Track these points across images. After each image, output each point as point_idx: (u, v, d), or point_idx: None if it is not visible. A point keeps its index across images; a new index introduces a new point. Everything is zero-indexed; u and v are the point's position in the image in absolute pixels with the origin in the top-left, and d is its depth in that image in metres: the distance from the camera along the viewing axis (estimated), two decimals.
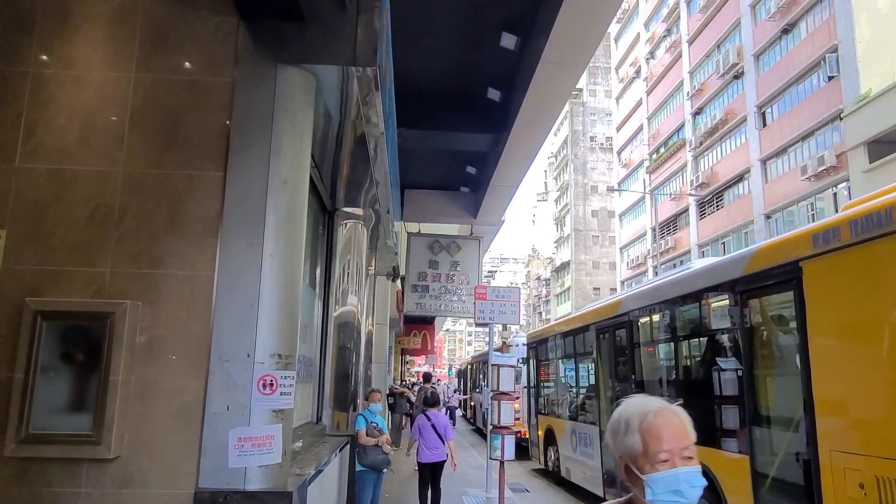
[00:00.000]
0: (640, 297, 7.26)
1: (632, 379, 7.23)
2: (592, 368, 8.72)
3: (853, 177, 24.86)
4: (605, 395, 8.16)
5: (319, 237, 6.49)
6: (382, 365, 13.49)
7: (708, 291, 5.74)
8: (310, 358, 6.07)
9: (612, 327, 7.91)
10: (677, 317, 6.38)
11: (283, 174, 3.45)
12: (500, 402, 7.48)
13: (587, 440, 8.55)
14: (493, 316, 7.81)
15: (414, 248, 10.33)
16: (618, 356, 7.87)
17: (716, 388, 5.49)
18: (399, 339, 24.15)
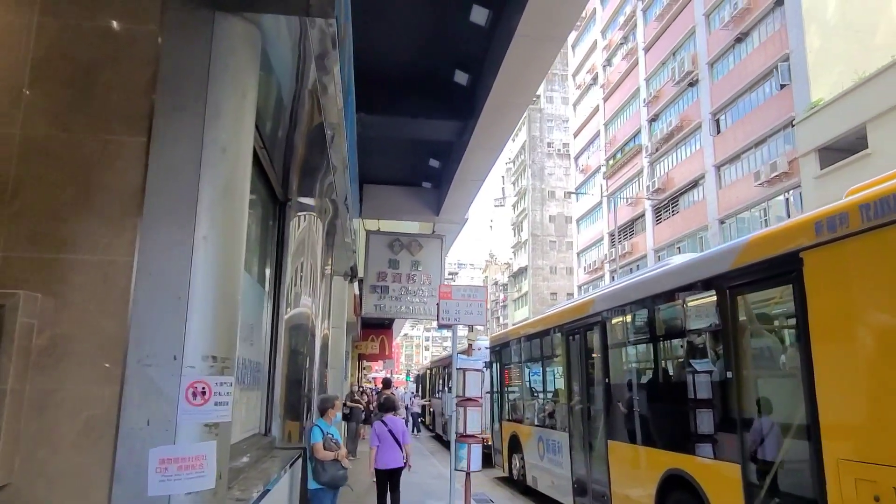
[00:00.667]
0: (614, 297, 6.91)
1: (605, 383, 6.87)
2: (561, 372, 8.34)
3: (805, 183, 25.41)
4: (575, 400, 7.78)
5: (269, 229, 5.90)
6: (339, 370, 12.86)
7: (692, 288, 5.40)
8: (257, 363, 5.48)
9: (583, 328, 7.54)
10: (656, 316, 6.05)
11: (221, 141, 2.90)
12: (465, 409, 7.00)
13: (556, 447, 8.16)
14: (459, 317, 7.34)
15: (373, 246, 9.79)
16: (589, 359, 7.51)
17: (700, 391, 5.15)
18: (356, 344, 23.46)
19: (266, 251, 5.84)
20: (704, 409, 5.06)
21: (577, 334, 7.71)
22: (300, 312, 6.21)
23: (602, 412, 6.87)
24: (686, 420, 5.23)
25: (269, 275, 5.92)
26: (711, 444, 4.88)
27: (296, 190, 5.90)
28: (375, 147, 8.32)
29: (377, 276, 9.69)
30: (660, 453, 5.59)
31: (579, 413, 7.59)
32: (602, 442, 6.76)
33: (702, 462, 4.96)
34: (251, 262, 5.37)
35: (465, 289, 7.45)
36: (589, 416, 7.28)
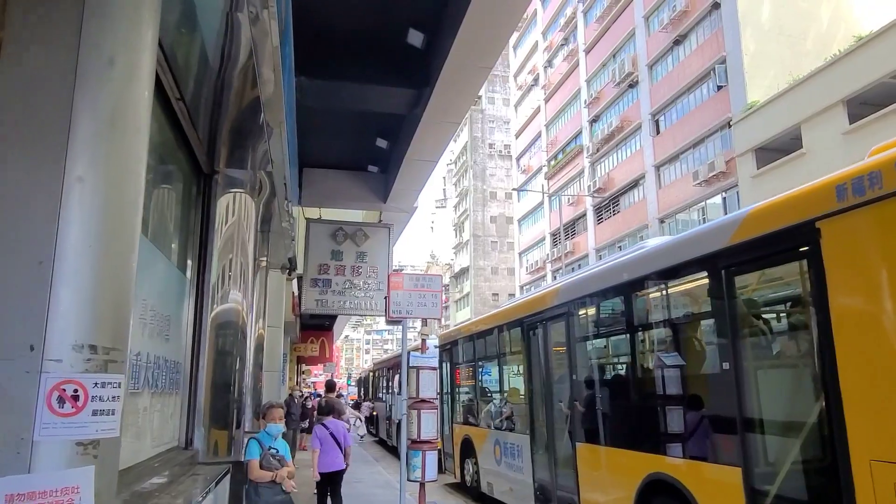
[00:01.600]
0: (583, 285, 6.34)
1: (572, 380, 6.29)
2: (520, 371, 7.75)
3: (742, 182, 25.97)
4: (537, 401, 7.19)
5: (192, 206, 5.02)
6: (276, 374, 11.87)
7: (677, 270, 4.87)
8: (176, 362, 4.59)
9: (546, 322, 6.96)
10: (633, 304, 5.49)
11: (107, 49, 2.09)
12: (419, 412, 6.28)
13: (514, 451, 7.54)
14: (412, 309, 6.60)
15: (314, 236, 8.92)
16: (553, 355, 6.93)
17: (692, 386, 4.63)
18: (295, 346, 22.30)
19: (188, 232, 4.96)
20: (694, 406, 4.54)
21: (539, 328, 7.13)
22: (230, 307, 5.32)
23: (569, 413, 6.30)
24: (672, 419, 4.70)
25: (193, 261, 5.03)
26: (704, 446, 4.36)
27: (224, 159, 5.04)
28: (317, 124, 7.47)
29: (319, 268, 8.84)
30: (639, 456, 5.04)
31: (542, 414, 7.00)
32: (569, 445, 6.18)
33: (691, 465, 4.43)
34: (169, 243, 4.50)
35: (418, 278, 6.74)
36: (553, 418, 6.70)
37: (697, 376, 4.62)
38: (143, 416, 3.83)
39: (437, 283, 6.92)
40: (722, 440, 4.22)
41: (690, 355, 4.77)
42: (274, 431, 5.43)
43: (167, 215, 4.57)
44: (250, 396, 8.41)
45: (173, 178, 4.63)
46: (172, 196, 4.65)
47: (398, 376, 16.25)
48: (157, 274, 4.13)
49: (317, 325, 25.41)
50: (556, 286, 6.98)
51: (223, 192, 5.22)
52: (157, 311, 4.04)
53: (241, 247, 5.50)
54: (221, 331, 5.16)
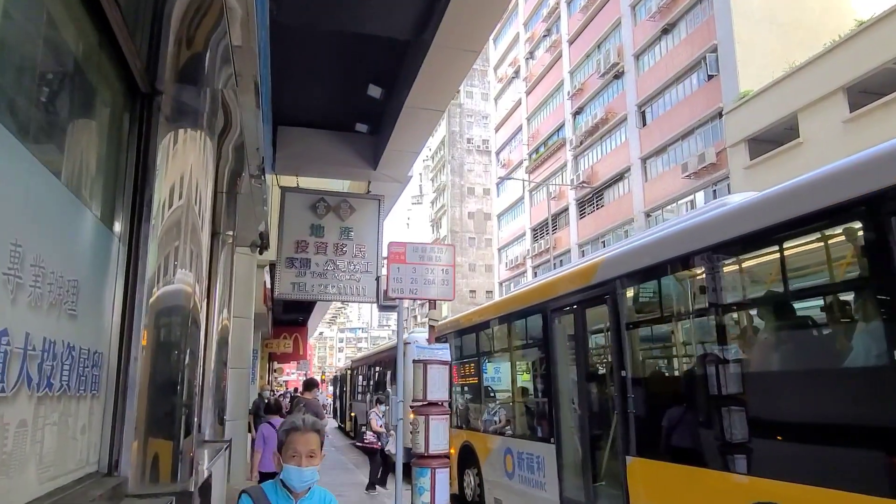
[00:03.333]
0: (640, 255, 4.96)
1: (620, 378, 5.01)
2: (540, 367, 6.50)
3: (734, 173, 25.18)
4: (564, 402, 5.93)
5: (123, 136, 3.63)
6: (245, 371, 10.42)
7: (802, 225, 3.56)
8: (95, 352, 3.21)
9: (582, 305, 5.71)
10: (722, 276, 4.14)
11: None
12: (427, 419, 4.98)
13: (534, 463, 6.28)
14: (416, 288, 5.28)
15: (290, 207, 7.52)
16: (590, 346, 5.68)
17: (824, 386, 3.39)
18: (266, 342, 20.76)
19: (116, 172, 3.55)
20: (832, 412, 3.30)
21: (570, 314, 5.85)
22: (178, 288, 3.86)
23: (616, 418, 5.05)
24: (798, 430, 3.43)
25: (123, 213, 3.62)
26: (846, 469, 3.13)
27: (170, 75, 3.66)
28: (296, 68, 6.07)
29: (296, 245, 7.46)
30: (734, 479, 3.78)
31: (575, 419, 5.73)
32: (615, 458, 4.91)
33: (821, 496, 3.19)
34: (86, 182, 3.15)
35: (424, 249, 5.44)
36: (590, 424, 5.44)
37: (841, 373, 3.36)
38: (22, 433, 2.45)
39: (449, 255, 5.63)
40: (875, 461, 3.02)
41: (826, 344, 3.54)
42: (301, 480, 2.63)
43: (85, 145, 3.20)
44: (212, 398, 6.96)
45: (94, 95, 3.26)
46: (93, 120, 3.27)
47: (388, 373, 14.85)
48: (64, 220, 2.78)
49: (290, 320, 23.89)
50: (595, 260, 5.68)
51: (169, 124, 3.80)
52: (54, 273, 2.66)
53: (193, 202, 4.07)
54: (165, 314, 3.71)
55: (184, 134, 3.93)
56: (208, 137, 4.21)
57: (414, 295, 5.43)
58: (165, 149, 3.78)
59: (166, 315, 3.75)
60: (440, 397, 5.12)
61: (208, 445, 6.55)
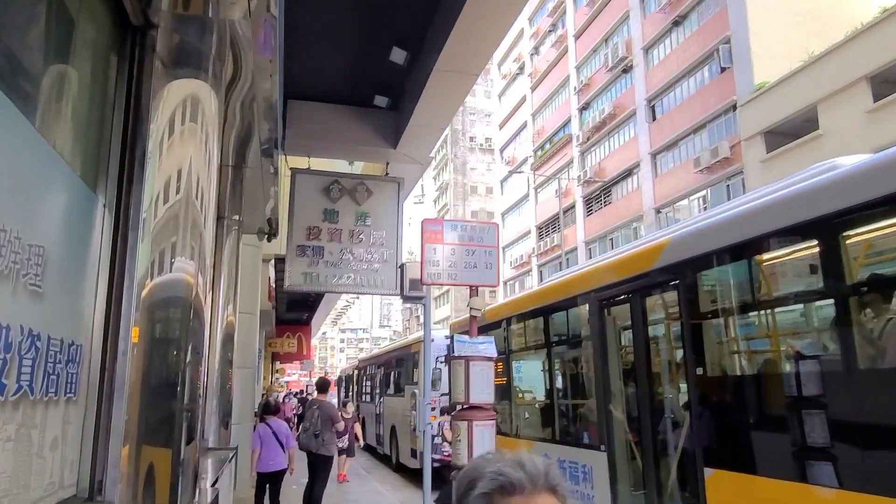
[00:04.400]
0: (720, 233, 4.15)
1: (696, 375, 4.26)
2: (586, 364, 5.83)
3: (749, 167, 24.53)
4: (617, 404, 5.23)
5: (110, 79, 2.92)
6: (250, 371, 9.73)
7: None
8: (71, 344, 2.50)
9: (638, 294, 5.02)
10: (839, 253, 3.36)
11: None
12: (471, 425, 4.30)
13: (579, 473, 5.59)
14: (456, 273, 4.61)
15: (301, 190, 6.83)
16: (649, 341, 4.96)
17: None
18: (270, 342, 20.06)
19: (101, 121, 2.85)
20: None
21: (623, 304, 5.15)
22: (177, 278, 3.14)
23: (689, 423, 4.33)
24: None
25: (111, 173, 2.91)
26: None
27: (168, 4, 2.96)
28: (307, 26, 5.38)
29: (308, 232, 6.78)
30: (854, 499, 3.10)
31: (630, 423, 5.03)
32: (689, 470, 4.20)
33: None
34: (57, 125, 2.48)
35: (464, 227, 4.75)
36: (651, 428, 4.74)
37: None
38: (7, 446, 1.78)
39: (492, 234, 4.94)
40: None
41: None
42: None
43: (64, 86, 2.55)
44: (216, 400, 6.27)
45: (74, 27, 2.60)
46: (73, 57, 2.63)
47: (402, 372, 14.10)
48: (33, 170, 2.11)
49: (294, 318, 23.21)
50: (657, 242, 4.98)
51: (165, 65, 3.08)
52: (8, 233, 1.95)
53: (197, 164, 3.36)
54: (162, 300, 2.98)
55: (184, 78, 3.22)
56: (213, 85, 3.48)
57: (453, 280, 4.74)
58: (160, 95, 3.07)
59: (163, 301, 3.02)
60: (485, 399, 4.44)
61: (213, 454, 5.83)
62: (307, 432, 7.99)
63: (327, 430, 7.93)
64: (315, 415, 7.99)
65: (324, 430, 7.89)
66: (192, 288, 3.19)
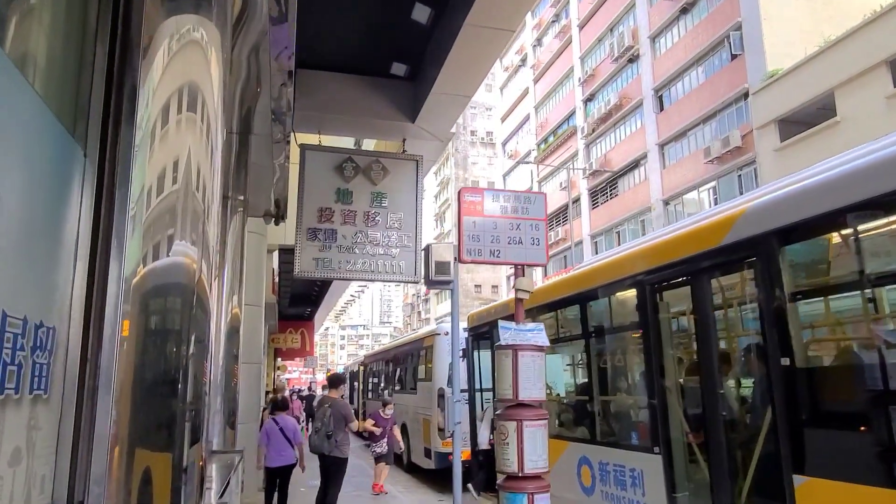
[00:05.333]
0: (817, 197, 3.50)
1: (783, 369, 3.62)
2: (636, 354, 5.25)
3: (762, 156, 23.95)
4: (674, 399, 4.64)
5: (90, 12, 2.29)
6: (256, 367, 9.18)
7: None
8: (41, 326, 1.88)
9: (702, 275, 4.38)
10: None
11: None
12: (521, 425, 3.74)
13: (628, 478, 5.01)
14: (499, 248, 4.02)
15: (313, 169, 6.23)
16: (715, 327, 4.36)
17: None
18: (273, 337, 19.49)
19: (82, 51, 2.24)
20: None
21: (682, 286, 4.53)
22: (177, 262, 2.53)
23: (772, 422, 3.71)
24: None
25: (93, 116, 2.28)
26: None
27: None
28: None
29: (319, 214, 6.20)
30: None
31: (691, 422, 4.45)
32: (773, 477, 3.60)
33: None
34: (26, 48, 1.87)
35: (507, 198, 4.17)
36: (723, 429, 4.15)
37: None
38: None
39: (540, 205, 4.35)
40: None
41: None
42: None
43: (36, 8, 1.98)
44: (221, 398, 5.70)
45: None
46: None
47: (413, 367, 13.50)
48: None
49: (297, 314, 22.66)
50: (726, 214, 4.35)
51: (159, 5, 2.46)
52: None
53: (199, 111, 2.74)
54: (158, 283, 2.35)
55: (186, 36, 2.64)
56: (217, 15, 2.88)
57: (495, 258, 4.17)
58: (153, 21, 2.48)
59: (160, 286, 2.42)
60: (536, 395, 3.87)
61: (217, 458, 5.25)
62: (319, 433, 7.42)
63: (340, 431, 7.37)
64: (327, 414, 7.43)
65: (337, 431, 7.32)
66: (195, 272, 2.58)
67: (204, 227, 2.55)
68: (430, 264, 4.86)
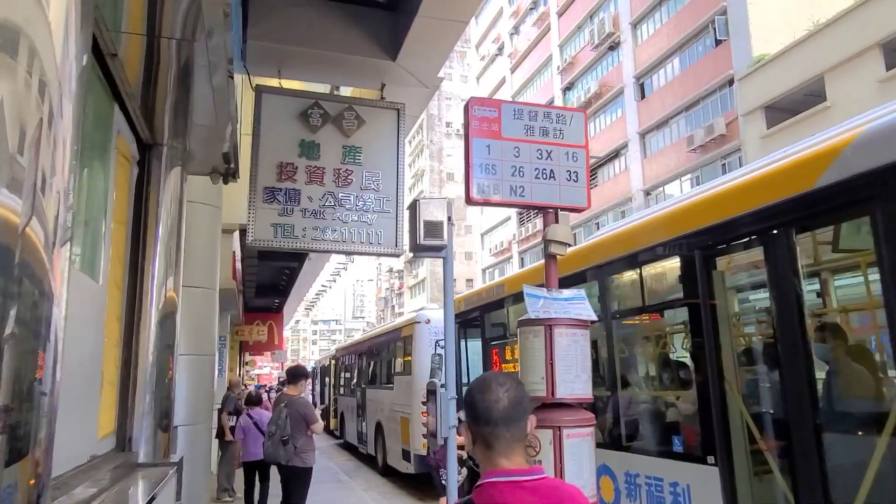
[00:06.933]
0: None
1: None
2: (680, 339, 4.23)
3: (748, 144, 23.32)
4: (735, 397, 3.57)
5: None
6: (209, 359, 7.91)
7: None
8: None
9: (786, 228, 3.34)
10: None
11: None
12: (559, 434, 2.64)
13: (669, 494, 3.97)
14: (524, 184, 2.87)
15: (271, 116, 5.08)
16: (802, 301, 3.30)
17: None
18: (238, 329, 18.15)
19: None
20: None
21: (753, 246, 3.49)
22: None
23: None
24: None
25: None
26: None
27: None
28: None
29: (279, 170, 5.05)
30: None
31: (771, 426, 3.40)
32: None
33: None
34: None
35: (536, 113, 3.07)
36: (815, 436, 3.08)
37: None
38: None
39: (579, 126, 3.24)
40: None
41: None
42: None
43: None
44: (149, 397, 4.45)
45: None
46: None
47: (390, 360, 12.33)
48: None
49: (264, 305, 21.34)
50: (829, 144, 3.28)
51: None
52: None
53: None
54: None
55: None
56: None
57: (519, 198, 3.02)
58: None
59: None
60: (580, 392, 2.75)
61: (144, 473, 4.03)
62: (273, 438, 6.15)
63: (301, 435, 6.15)
64: (283, 415, 6.16)
65: (296, 435, 6.11)
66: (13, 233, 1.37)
67: (44, 175, 1.36)
68: (417, 225, 3.78)
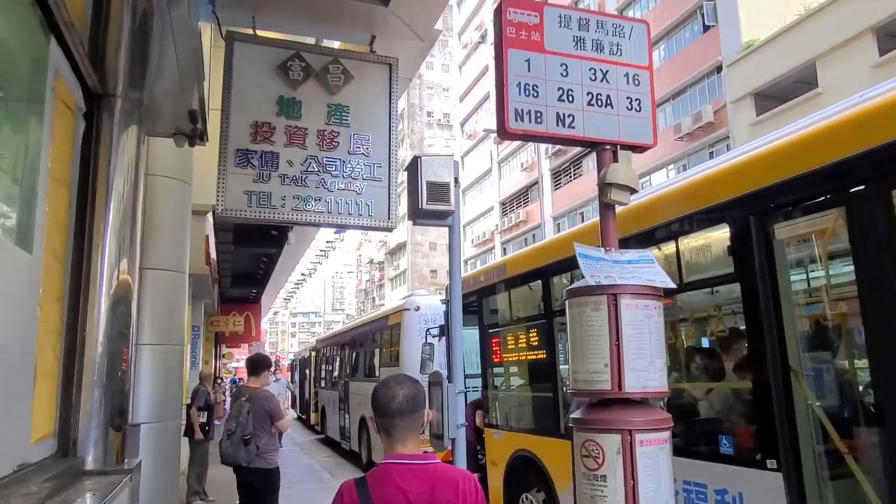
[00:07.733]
0: None
1: None
2: (721, 320, 3.63)
3: (737, 131, 23.00)
4: (802, 388, 2.97)
5: None
6: (177, 349, 7.14)
7: None
8: None
9: (877, 186, 2.75)
10: None
11: None
12: (630, 440, 2.01)
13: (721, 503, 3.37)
14: (574, 113, 2.11)
15: (244, 67, 4.38)
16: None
17: None
18: (212, 320, 17.32)
19: None
20: None
21: (826, 207, 2.82)
22: None
23: None
24: None
25: None
26: None
27: None
28: None
29: (253, 130, 4.36)
30: None
31: (860, 426, 2.80)
32: None
33: None
34: None
35: (588, 21, 2.39)
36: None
37: None
38: None
39: (641, 41, 2.58)
40: None
41: None
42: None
43: None
44: (98, 392, 3.73)
45: None
46: None
47: (375, 351, 11.65)
48: None
49: (241, 295, 20.49)
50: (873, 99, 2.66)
51: None
52: None
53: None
54: None
55: None
56: None
57: (568, 130, 2.34)
58: None
59: None
60: (654, 384, 2.09)
61: (91, 483, 3.29)
62: (233, 438, 5.26)
63: (264, 433, 5.33)
64: (244, 410, 5.35)
65: (258, 433, 5.30)
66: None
67: None
68: (419, 187, 3.15)
